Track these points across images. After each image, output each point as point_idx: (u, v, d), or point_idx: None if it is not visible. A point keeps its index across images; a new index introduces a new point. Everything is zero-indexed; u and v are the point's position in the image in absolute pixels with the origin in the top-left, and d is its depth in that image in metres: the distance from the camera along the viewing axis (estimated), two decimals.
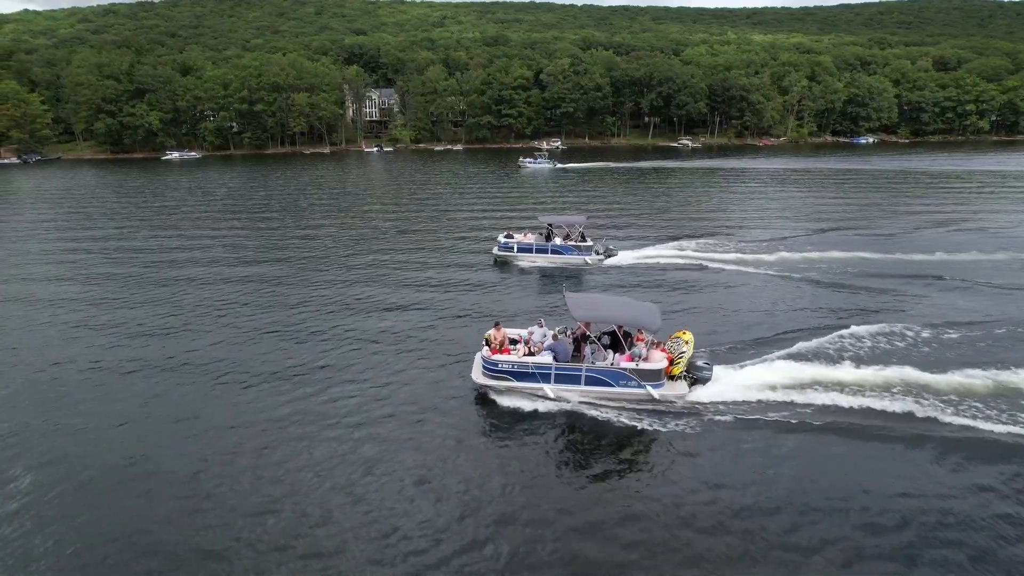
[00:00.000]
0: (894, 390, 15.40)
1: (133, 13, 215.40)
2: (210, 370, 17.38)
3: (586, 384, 15.13)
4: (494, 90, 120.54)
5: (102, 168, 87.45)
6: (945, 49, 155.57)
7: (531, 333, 16.35)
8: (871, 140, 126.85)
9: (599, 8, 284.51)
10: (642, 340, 15.71)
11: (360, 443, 13.57)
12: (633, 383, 14.92)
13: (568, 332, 16.20)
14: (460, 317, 21.66)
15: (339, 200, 52.54)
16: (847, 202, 48.51)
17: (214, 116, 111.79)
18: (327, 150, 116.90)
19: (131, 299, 24.27)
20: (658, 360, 15.05)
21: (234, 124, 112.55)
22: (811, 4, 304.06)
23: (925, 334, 19.19)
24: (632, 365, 14.95)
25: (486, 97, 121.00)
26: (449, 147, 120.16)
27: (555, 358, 15.18)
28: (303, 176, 72.70)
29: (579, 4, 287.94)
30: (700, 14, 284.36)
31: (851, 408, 14.66)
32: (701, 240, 33.08)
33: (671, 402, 14.93)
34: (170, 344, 19.42)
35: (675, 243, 32.39)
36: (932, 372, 16.19)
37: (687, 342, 15.85)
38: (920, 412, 14.36)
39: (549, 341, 15.79)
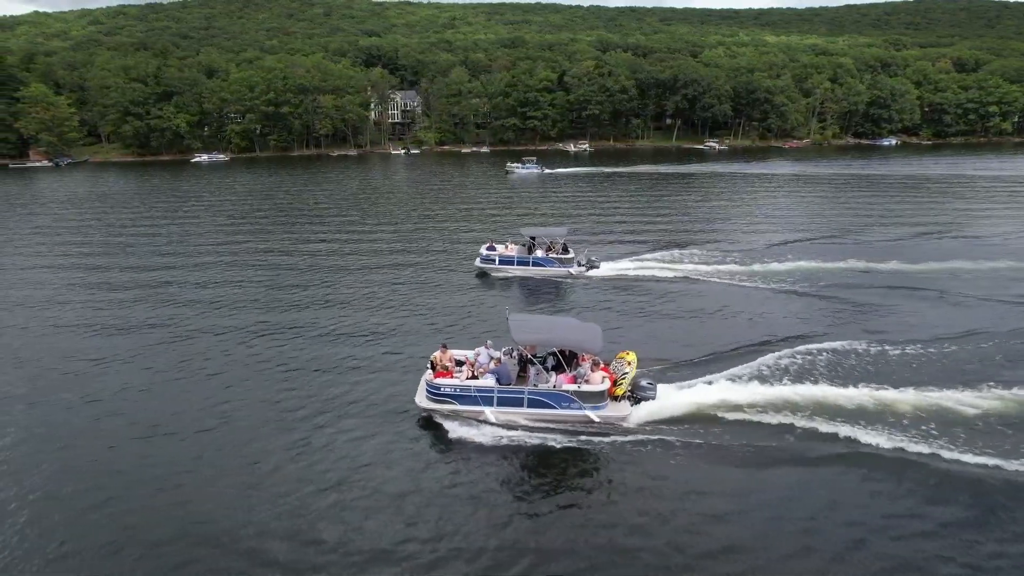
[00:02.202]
0: (846, 410, 14.93)
1: (143, 15, 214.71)
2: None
3: (529, 407, 14.92)
4: (519, 92, 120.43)
5: (136, 171, 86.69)
6: (962, 50, 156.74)
7: (477, 355, 16.12)
8: (894, 142, 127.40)
9: (606, 9, 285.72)
10: (586, 361, 15.63)
11: (295, 465, 13.45)
12: (575, 405, 14.76)
13: (513, 353, 16.08)
14: (431, 333, 20.98)
15: (399, 203, 52.39)
16: (850, 208, 47.20)
17: (241, 118, 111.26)
18: (354, 152, 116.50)
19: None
20: (600, 381, 14.99)
21: (258, 128, 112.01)
22: (816, 4, 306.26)
23: (889, 351, 18.46)
24: (574, 387, 14.86)
25: (511, 99, 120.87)
26: (475, 149, 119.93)
27: (498, 381, 15.04)
28: (352, 179, 72.53)
29: (586, 5, 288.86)
30: (707, 15, 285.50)
31: (797, 427, 14.26)
32: (688, 250, 32.08)
33: (613, 423, 14.82)
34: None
35: (661, 253, 31.46)
36: (893, 392, 15.70)
37: (630, 363, 15.80)
38: (868, 435, 13.85)
39: (492, 364, 15.62)
